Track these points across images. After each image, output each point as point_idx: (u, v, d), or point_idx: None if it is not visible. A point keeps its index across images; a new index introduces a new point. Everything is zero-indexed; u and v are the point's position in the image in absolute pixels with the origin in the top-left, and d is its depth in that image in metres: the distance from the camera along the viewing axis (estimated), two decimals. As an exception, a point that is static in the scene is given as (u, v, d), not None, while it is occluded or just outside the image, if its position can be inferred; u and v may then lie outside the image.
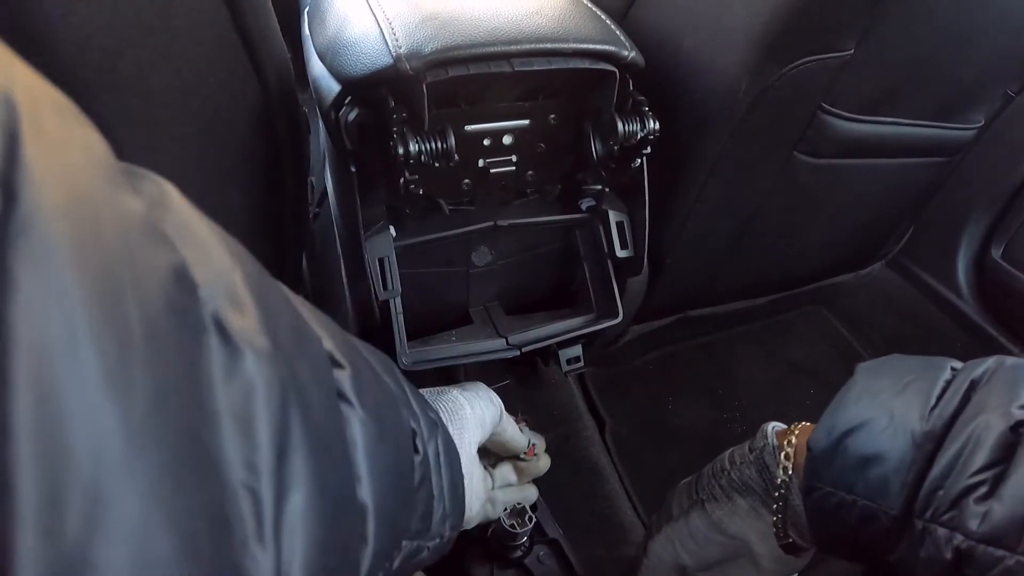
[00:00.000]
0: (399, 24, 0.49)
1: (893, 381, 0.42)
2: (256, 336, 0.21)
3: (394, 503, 0.30)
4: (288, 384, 0.21)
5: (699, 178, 0.73)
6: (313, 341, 0.26)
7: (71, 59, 0.30)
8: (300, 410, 0.22)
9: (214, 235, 0.22)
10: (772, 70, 0.63)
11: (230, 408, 0.19)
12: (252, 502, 0.19)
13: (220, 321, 0.20)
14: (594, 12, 0.57)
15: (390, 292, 0.56)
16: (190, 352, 0.18)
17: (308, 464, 0.21)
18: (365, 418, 0.27)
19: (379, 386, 0.31)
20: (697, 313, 1.03)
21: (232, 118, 0.48)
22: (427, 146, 0.49)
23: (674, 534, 0.50)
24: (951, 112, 0.84)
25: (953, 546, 0.36)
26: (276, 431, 0.20)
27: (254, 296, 0.22)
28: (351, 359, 0.28)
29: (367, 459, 0.27)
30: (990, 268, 1.09)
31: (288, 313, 0.25)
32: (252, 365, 0.20)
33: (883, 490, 0.39)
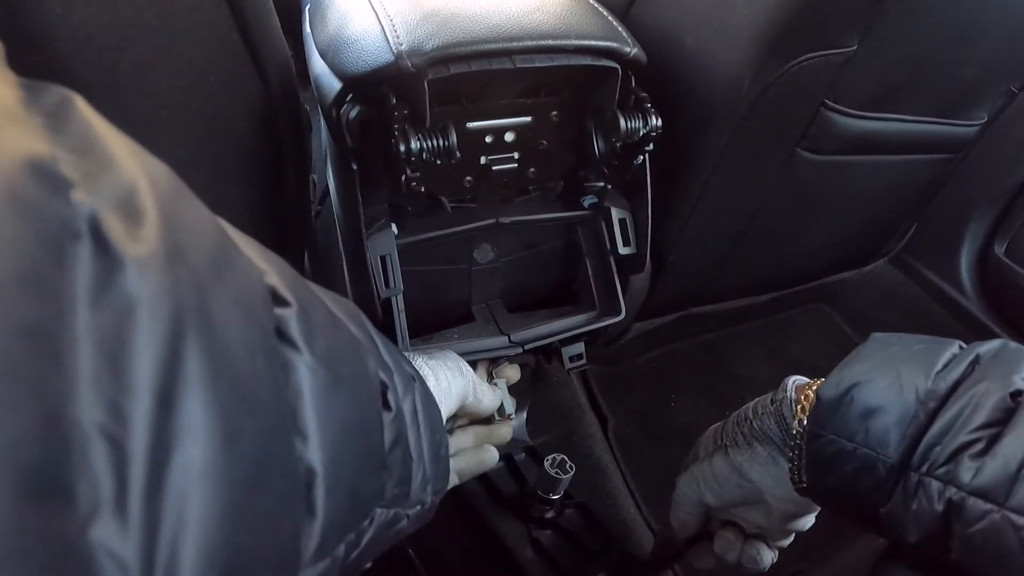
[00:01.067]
0: (400, 21, 0.49)
1: (903, 348, 0.45)
2: (148, 244, 0.16)
3: (354, 466, 0.26)
4: (187, 309, 0.17)
5: (702, 175, 0.73)
6: (245, 268, 0.22)
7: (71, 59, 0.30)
8: (204, 343, 0.17)
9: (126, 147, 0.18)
10: (775, 67, 0.62)
11: (95, 335, 0.15)
12: (113, 457, 0.15)
13: (99, 228, 0.15)
14: (596, 8, 0.57)
15: (392, 290, 0.56)
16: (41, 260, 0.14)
17: (211, 411, 0.17)
18: (314, 364, 0.23)
19: (337, 330, 0.27)
20: (700, 311, 1.03)
21: (233, 117, 0.48)
22: (429, 143, 0.49)
23: (698, 473, 0.54)
24: (954, 109, 0.84)
25: (946, 498, 0.38)
26: (161, 367, 0.16)
27: (160, 206, 0.17)
28: (301, 297, 0.24)
29: (316, 413, 0.23)
30: (993, 265, 1.09)
31: (209, 232, 0.20)
32: (135, 280, 0.16)
33: (883, 441, 0.41)
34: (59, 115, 0.17)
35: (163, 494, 0.16)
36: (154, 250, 0.16)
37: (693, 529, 0.58)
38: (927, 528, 0.39)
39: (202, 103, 0.42)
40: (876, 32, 0.64)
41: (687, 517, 0.57)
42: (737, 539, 0.56)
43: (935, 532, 0.39)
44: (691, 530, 0.58)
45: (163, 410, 0.16)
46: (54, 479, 0.13)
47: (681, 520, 0.57)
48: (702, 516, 0.56)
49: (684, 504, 0.56)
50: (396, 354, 0.34)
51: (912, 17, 0.65)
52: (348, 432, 0.25)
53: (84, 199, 0.15)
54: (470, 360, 0.63)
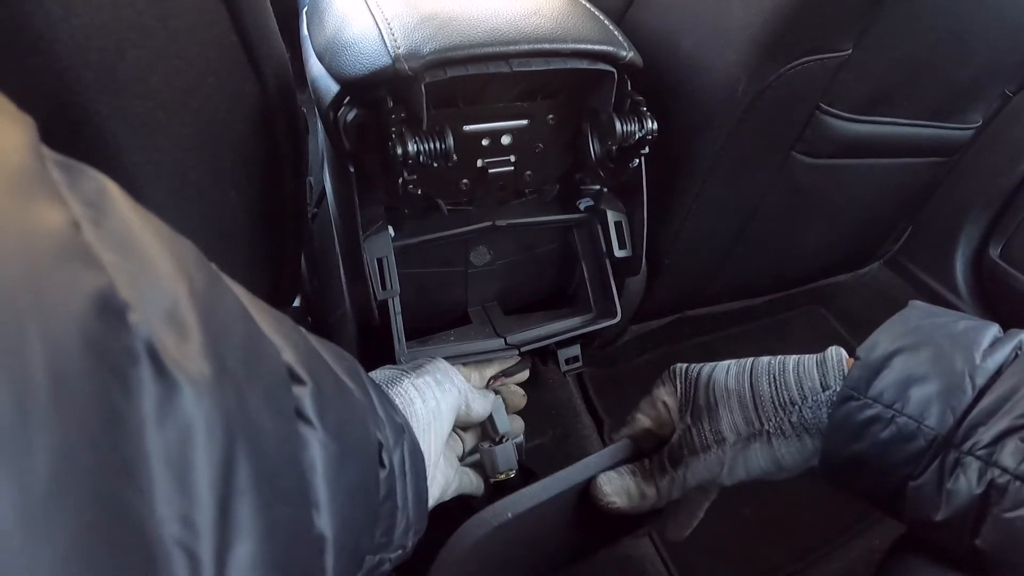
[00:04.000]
0: (398, 24, 0.49)
1: (947, 321, 0.44)
2: (198, 364, 0.18)
3: (358, 527, 0.27)
4: (235, 419, 0.19)
5: (697, 178, 0.73)
6: (269, 357, 0.23)
7: (71, 60, 0.31)
8: (248, 447, 0.19)
9: (159, 241, 0.19)
10: (770, 70, 0.63)
11: (164, 456, 0.16)
12: (189, 563, 0.16)
13: (154, 350, 0.17)
14: (592, 12, 0.57)
15: (389, 292, 0.57)
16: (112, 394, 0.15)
17: (256, 509, 0.19)
18: (326, 439, 0.25)
19: (343, 399, 0.29)
20: (695, 313, 1.03)
21: (231, 118, 0.48)
22: (426, 146, 0.49)
23: (727, 460, 0.47)
24: (949, 112, 0.84)
25: (987, 479, 0.37)
26: (219, 477, 0.18)
27: (199, 313, 0.19)
28: (313, 372, 0.26)
29: (327, 485, 0.24)
30: (988, 267, 1.09)
31: (240, 327, 0.22)
32: (191, 402, 0.17)
33: (924, 411, 0.40)
34: (98, 206, 0.18)
35: None
36: (203, 370, 0.18)
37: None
38: (958, 507, 0.38)
39: (200, 105, 0.43)
40: (871, 36, 0.64)
41: (678, 494, 0.50)
42: None
43: (966, 513, 0.38)
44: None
45: (222, 516, 0.18)
46: None
47: (666, 499, 0.50)
48: None
49: (689, 481, 0.49)
50: (387, 406, 0.35)
51: (907, 21, 0.66)
52: (353, 497, 0.27)
53: (139, 320, 0.17)
54: (467, 363, 0.63)
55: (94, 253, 0.16)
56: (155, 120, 0.38)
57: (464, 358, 0.63)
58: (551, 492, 0.49)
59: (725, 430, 0.47)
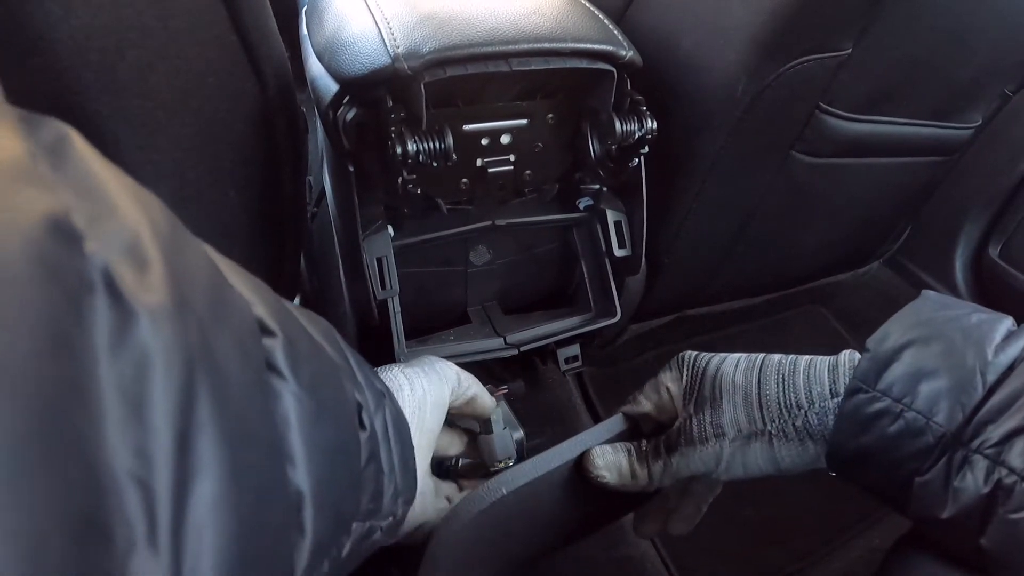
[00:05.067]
0: (397, 24, 0.49)
1: (959, 313, 0.43)
2: (158, 295, 0.17)
3: (338, 487, 0.27)
4: (196, 353, 0.18)
5: (697, 177, 0.73)
6: (237, 305, 0.23)
7: (71, 60, 0.31)
8: (211, 383, 0.18)
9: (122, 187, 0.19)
10: (770, 69, 0.63)
11: (117, 384, 0.16)
12: (143, 497, 0.16)
13: (111, 279, 0.16)
14: (592, 12, 0.57)
15: (388, 291, 0.57)
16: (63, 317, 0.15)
17: (220, 447, 0.18)
18: (300, 393, 0.24)
19: (318, 356, 0.28)
20: (695, 312, 1.03)
21: (231, 118, 0.48)
22: (425, 146, 0.49)
23: (725, 456, 0.46)
24: (949, 112, 0.84)
25: (995, 479, 0.36)
26: (178, 410, 0.17)
27: (163, 251, 0.18)
28: (285, 326, 0.25)
29: (303, 439, 0.24)
30: (987, 267, 1.09)
31: (206, 273, 0.21)
32: (148, 330, 0.16)
33: (933, 407, 0.39)
34: (58, 152, 0.17)
35: (185, 527, 0.17)
36: (163, 300, 0.17)
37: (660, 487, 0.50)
38: (964, 506, 0.37)
39: (200, 104, 0.43)
40: (871, 35, 0.64)
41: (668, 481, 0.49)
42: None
43: (972, 511, 0.37)
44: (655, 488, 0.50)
45: (181, 451, 0.17)
46: (95, 523, 0.14)
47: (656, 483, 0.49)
48: None
49: (681, 471, 0.47)
50: (367, 371, 0.35)
51: (907, 20, 0.66)
52: (331, 455, 0.26)
53: (96, 250, 0.16)
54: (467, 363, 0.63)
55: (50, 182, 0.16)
56: (155, 120, 0.38)
57: (464, 357, 0.63)
58: (546, 467, 0.48)
59: (726, 424, 0.46)
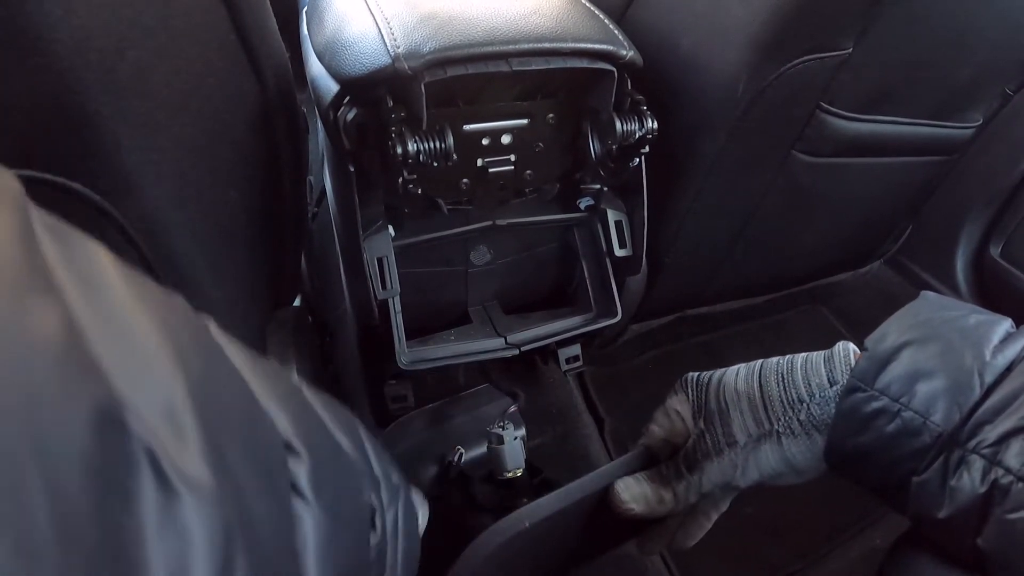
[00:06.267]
0: (397, 24, 0.49)
1: (958, 314, 0.43)
2: (198, 468, 0.17)
3: None
4: (233, 520, 0.18)
5: (697, 177, 0.73)
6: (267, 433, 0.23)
7: (71, 60, 0.31)
8: (246, 544, 0.19)
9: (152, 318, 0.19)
10: (770, 69, 0.63)
11: (164, 562, 0.16)
12: None
13: (154, 456, 0.16)
14: (592, 11, 0.57)
15: (389, 291, 0.56)
16: (113, 509, 0.15)
17: None
18: (320, 515, 0.24)
19: (339, 467, 0.28)
20: (695, 312, 1.03)
21: (231, 118, 0.48)
22: (425, 146, 0.49)
23: (740, 462, 0.47)
24: (949, 111, 0.84)
25: (992, 479, 0.36)
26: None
27: (196, 409, 0.18)
28: (309, 442, 0.25)
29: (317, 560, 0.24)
30: (988, 266, 1.09)
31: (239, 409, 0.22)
32: (191, 509, 0.17)
33: (930, 407, 0.39)
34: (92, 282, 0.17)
35: None
36: (202, 475, 0.17)
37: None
38: (961, 506, 0.37)
39: (200, 105, 0.43)
40: (871, 35, 0.64)
41: (694, 499, 0.50)
42: None
43: (968, 511, 0.37)
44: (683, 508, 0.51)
45: None
46: None
47: (682, 504, 0.50)
48: None
49: (704, 485, 0.49)
50: (386, 463, 0.35)
51: (907, 20, 0.66)
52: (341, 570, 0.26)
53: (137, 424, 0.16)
54: (467, 363, 0.63)
55: (92, 354, 0.16)
56: (155, 120, 0.38)
57: (464, 357, 0.63)
58: (568, 501, 0.49)
59: (736, 432, 0.47)
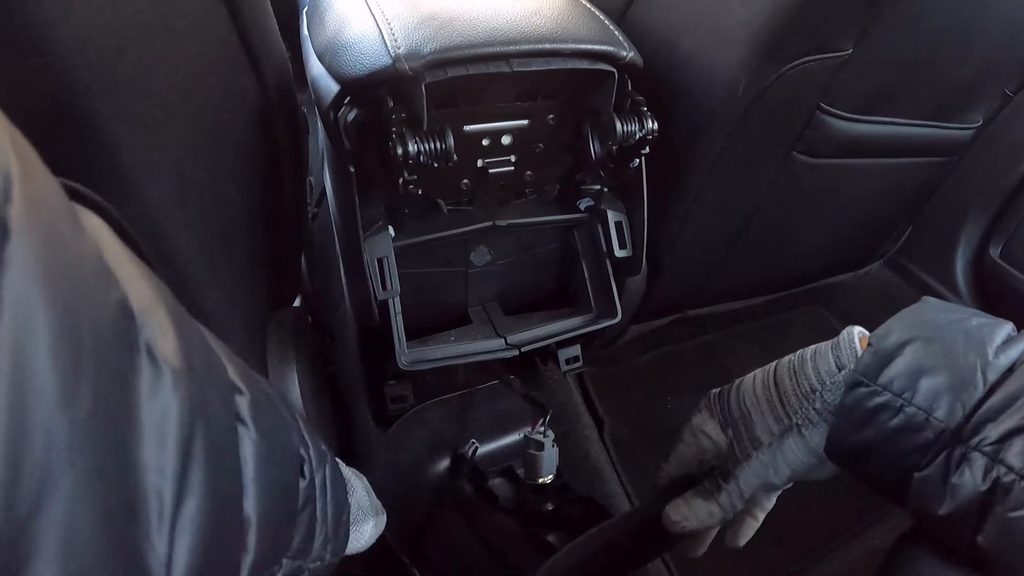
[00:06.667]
0: (398, 24, 0.49)
1: (960, 316, 0.44)
2: (175, 359, 0.24)
3: (277, 519, 0.33)
4: (197, 404, 0.25)
5: (698, 178, 0.73)
6: (220, 369, 0.30)
7: (71, 60, 0.31)
8: (204, 427, 0.25)
9: (140, 270, 0.26)
10: (770, 70, 0.63)
11: (151, 421, 0.23)
12: (158, 502, 0.22)
13: (150, 345, 0.23)
14: (592, 12, 0.57)
15: (389, 292, 0.56)
16: (125, 372, 0.22)
17: (205, 475, 0.25)
18: (258, 440, 0.30)
19: (274, 414, 0.34)
20: (696, 313, 1.03)
21: (231, 118, 0.48)
22: (426, 146, 0.49)
23: (769, 461, 0.49)
24: (949, 112, 0.84)
25: (993, 477, 0.37)
26: (183, 444, 0.24)
27: (175, 326, 0.25)
28: (250, 387, 0.32)
29: (256, 476, 0.30)
30: (988, 267, 1.09)
31: (201, 343, 0.29)
32: (170, 385, 0.24)
33: (934, 403, 0.39)
34: (101, 239, 0.24)
35: (177, 526, 0.23)
36: (179, 364, 0.24)
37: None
38: (962, 502, 0.38)
39: (200, 104, 0.43)
40: (871, 36, 0.64)
41: (740, 506, 0.52)
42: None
43: (969, 508, 0.38)
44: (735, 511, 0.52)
45: (183, 473, 0.24)
46: (132, 510, 0.22)
47: (729, 513, 0.52)
48: None
49: (745, 492, 0.50)
50: (313, 433, 0.41)
51: (907, 21, 0.66)
52: (275, 492, 0.32)
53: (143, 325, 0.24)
54: (467, 363, 0.63)
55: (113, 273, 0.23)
56: (155, 120, 0.38)
57: (465, 358, 0.63)
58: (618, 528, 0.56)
59: (760, 434, 0.49)
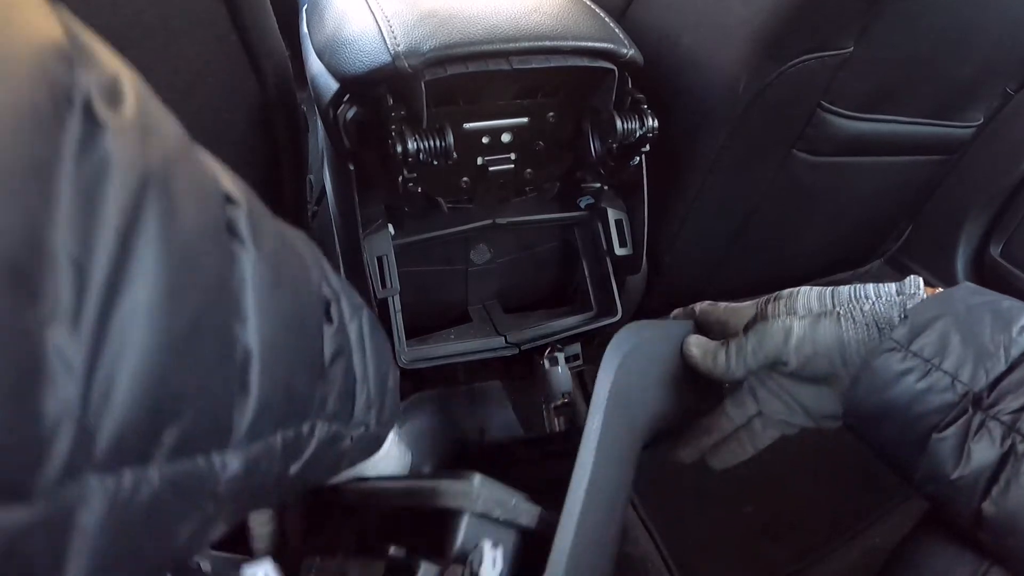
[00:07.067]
0: (397, 22, 0.49)
1: (995, 298, 0.46)
2: (125, 120, 0.19)
3: (289, 360, 0.27)
4: (153, 176, 0.20)
5: (698, 176, 0.73)
6: (204, 165, 0.24)
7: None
8: (162, 207, 0.20)
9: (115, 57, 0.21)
10: (771, 68, 0.63)
11: (75, 181, 0.18)
12: (76, 278, 0.17)
13: (89, 102, 0.18)
14: (593, 10, 0.57)
15: (389, 290, 0.56)
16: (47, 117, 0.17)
17: (160, 265, 0.20)
18: (258, 260, 0.25)
19: (282, 240, 0.29)
20: (696, 311, 1.03)
21: (230, 117, 0.48)
22: (426, 144, 0.49)
23: (796, 330, 0.48)
24: (950, 110, 0.84)
25: (1009, 443, 0.40)
26: (125, 216, 0.19)
27: (138, 101, 0.20)
28: (250, 203, 0.26)
29: (257, 300, 0.24)
30: (989, 266, 1.09)
31: (177, 128, 0.23)
32: (112, 141, 0.19)
33: (961, 369, 0.42)
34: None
35: (111, 321, 0.18)
36: (130, 123, 0.19)
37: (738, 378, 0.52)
38: (976, 467, 0.40)
39: (200, 103, 0.42)
40: (872, 34, 0.64)
41: (744, 368, 0.50)
42: None
43: (980, 473, 0.40)
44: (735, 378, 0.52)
45: (122, 252, 0.19)
46: (26, 278, 0.16)
47: (733, 368, 0.51)
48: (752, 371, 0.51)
49: (756, 354, 0.50)
50: (348, 287, 0.35)
51: (908, 19, 0.65)
52: (286, 326, 0.26)
53: (83, 78, 0.18)
54: (467, 361, 0.63)
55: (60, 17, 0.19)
56: (154, 118, 0.37)
57: (464, 356, 0.63)
58: None
59: (799, 307, 0.50)
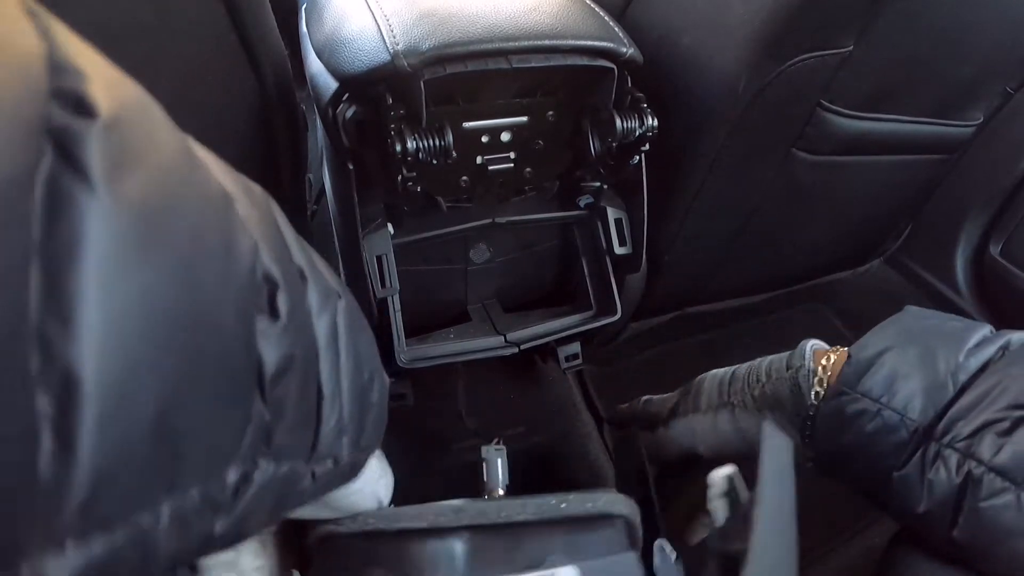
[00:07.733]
0: (397, 21, 0.49)
1: (938, 322, 0.46)
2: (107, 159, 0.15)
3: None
4: None
5: (698, 175, 0.73)
6: None
7: (67, 56, 0.30)
8: None
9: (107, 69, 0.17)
10: (771, 67, 0.63)
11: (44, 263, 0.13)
12: None
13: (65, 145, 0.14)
14: (592, 9, 0.57)
15: (388, 290, 0.56)
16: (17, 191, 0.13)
17: None
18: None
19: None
20: (695, 310, 1.03)
21: (230, 116, 0.48)
22: (425, 143, 0.49)
23: (696, 425, 0.53)
24: (950, 109, 0.84)
25: (965, 471, 0.39)
26: None
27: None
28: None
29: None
30: (988, 265, 1.09)
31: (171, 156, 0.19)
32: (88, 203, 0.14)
33: (909, 405, 0.42)
34: None
35: None
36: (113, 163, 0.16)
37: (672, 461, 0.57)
38: (939, 498, 0.40)
39: (199, 102, 0.42)
40: (872, 33, 0.64)
41: (669, 457, 0.56)
42: None
43: (945, 504, 0.39)
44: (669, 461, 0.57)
45: None
46: None
47: (662, 459, 0.57)
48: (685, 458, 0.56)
49: (672, 449, 0.55)
50: (317, 262, 0.25)
51: (908, 18, 0.65)
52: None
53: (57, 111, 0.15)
54: (466, 360, 0.63)
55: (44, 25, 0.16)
56: (153, 117, 0.37)
57: (464, 355, 0.63)
58: None
59: (702, 404, 0.54)
